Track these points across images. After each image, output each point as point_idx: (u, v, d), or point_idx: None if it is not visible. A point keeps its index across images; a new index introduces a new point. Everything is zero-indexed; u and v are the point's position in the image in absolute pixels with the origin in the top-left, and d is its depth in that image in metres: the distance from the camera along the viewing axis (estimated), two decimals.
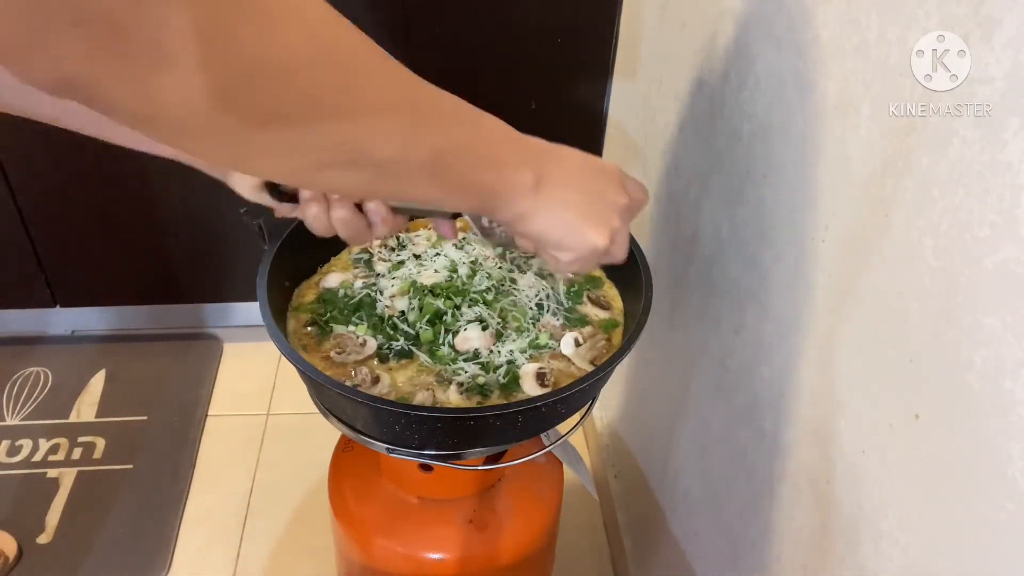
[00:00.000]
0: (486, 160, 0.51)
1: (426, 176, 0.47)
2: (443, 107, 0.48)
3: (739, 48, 0.79)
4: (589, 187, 0.57)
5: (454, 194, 0.51)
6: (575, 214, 0.56)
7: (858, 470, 0.61)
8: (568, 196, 0.55)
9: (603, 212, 0.57)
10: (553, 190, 0.54)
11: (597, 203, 0.57)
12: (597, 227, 0.57)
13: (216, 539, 1.33)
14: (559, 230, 0.56)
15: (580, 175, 0.56)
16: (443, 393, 0.71)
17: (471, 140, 0.49)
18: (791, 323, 0.71)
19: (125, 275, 1.54)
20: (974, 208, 0.46)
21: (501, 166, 0.51)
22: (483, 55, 1.28)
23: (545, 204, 0.54)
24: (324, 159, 0.42)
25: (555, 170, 0.55)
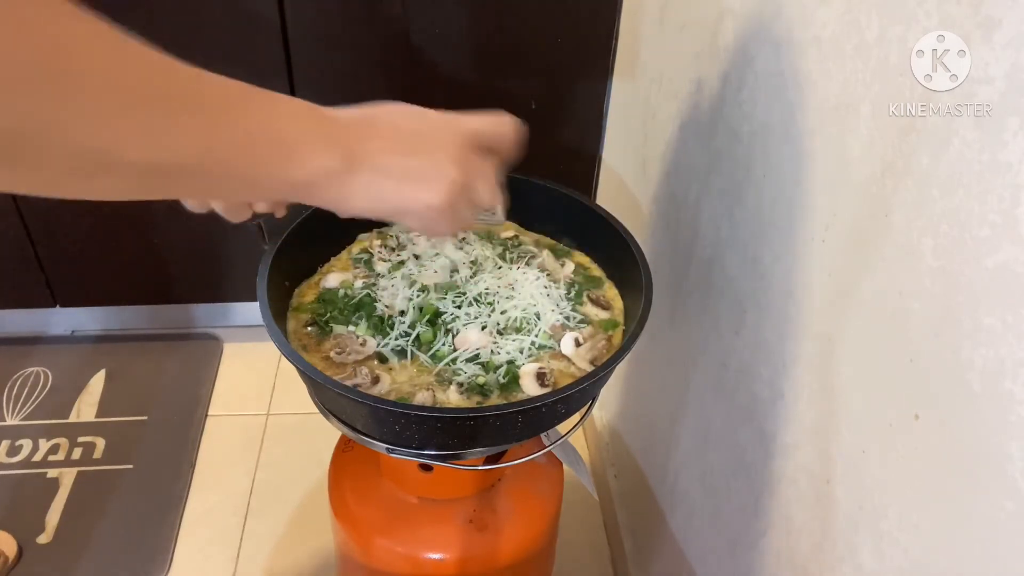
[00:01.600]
0: (276, 153, 0.47)
1: (203, 176, 0.44)
2: (209, 99, 0.43)
3: (739, 48, 0.79)
4: (411, 147, 0.53)
5: (250, 192, 0.49)
6: (394, 182, 0.52)
7: (858, 470, 0.61)
8: (385, 164, 0.52)
9: (432, 168, 0.54)
10: (366, 165, 0.51)
11: (422, 161, 0.53)
12: (428, 186, 0.53)
13: (216, 539, 1.33)
14: (385, 202, 0.53)
15: (395, 139, 0.53)
16: (443, 393, 0.71)
17: (252, 133, 0.45)
18: (791, 323, 0.71)
19: (125, 275, 1.54)
20: (974, 208, 0.46)
21: (298, 156, 0.48)
22: (483, 55, 1.28)
23: (361, 182, 0.51)
24: (69, 168, 0.38)
25: (366, 144, 0.51)
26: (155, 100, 0.40)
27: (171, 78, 0.41)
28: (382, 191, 0.52)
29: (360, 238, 0.89)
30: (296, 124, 0.48)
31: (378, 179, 0.52)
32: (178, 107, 0.41)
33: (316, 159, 0.48)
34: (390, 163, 0.52)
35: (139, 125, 0.39)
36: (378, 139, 0.52)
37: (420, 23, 1.23)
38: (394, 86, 1.30)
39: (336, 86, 1.31)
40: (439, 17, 1.23)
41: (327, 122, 0.50)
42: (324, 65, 1.29)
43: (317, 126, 0.49)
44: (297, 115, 0.49)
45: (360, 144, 0.51)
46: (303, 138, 0.48)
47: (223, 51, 1.24)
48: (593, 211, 0.86)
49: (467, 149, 0.56)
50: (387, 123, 0.54)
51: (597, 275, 0.87)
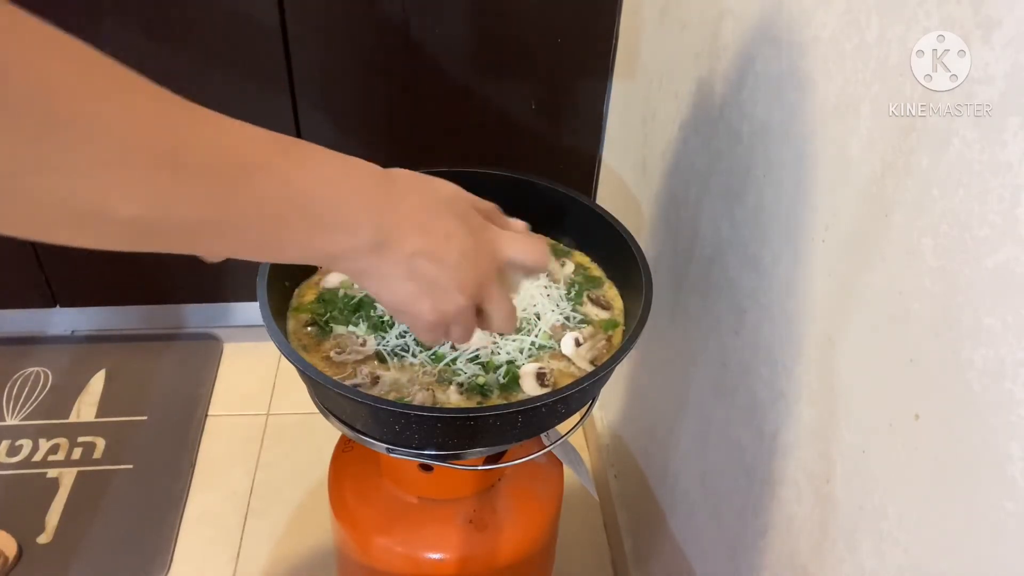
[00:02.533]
0: (302, 223, 0.41)
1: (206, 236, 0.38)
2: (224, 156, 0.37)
3: (739, 48, 0.79)
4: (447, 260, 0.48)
5: (265, 256, 0.43)
6: (411, 284, 0.47)
7: (858, 470, 0.61)
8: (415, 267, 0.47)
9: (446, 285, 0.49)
10: (400, 258, 0.46)
11: (448, 277, 0.48)
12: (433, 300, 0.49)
13: (216, 539, 1.33)
14: (394, 300, 0.49)
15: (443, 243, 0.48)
16: (443, 393, 0.71)
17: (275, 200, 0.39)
18: (791, 323, 0.71)
19: (125, 275, 1.54)
20: (974, 208, 0.46)
21: (326, 227, 0.42)
22: (483, 55, 1.28)
23: (387, 269, 0.46)
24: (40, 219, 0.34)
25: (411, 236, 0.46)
26: (152, 155, 0.34)
27: (176, 129, 0.36)
28: (397, 289, 0.48)
29: None
30: (339, 194, 0.43)
31: (400, 275, 0.47)
32: (182, 163, 0.36)
33: (351, 235, 0.43)
34: (420, 267, 0.47)
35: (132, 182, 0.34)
36: (426, 236, 0.47)
37: (420, 23, 1.23)
38: (394, 87, 1.30)
39: (336, 87, 1.31)
40: (439, 17, 1.23)
41: (379, 191, 0.45)
42: (324, 66, 1.29)
43: (366, 199, 0.44)
44: (344, 183, 0.43)
45: (406, 231, 0.46)
46: (343, 210, 0.43)
47: (223, 53, 1.24)
48: (593, 211, 0.86)
49: (495, 275, 0.52)
50: (442, 220, 0.48)
51: (597, 275, 0.87)
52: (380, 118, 1.35)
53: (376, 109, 1.34)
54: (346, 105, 1.34)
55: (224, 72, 1.25)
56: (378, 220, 0.44)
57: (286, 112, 1.31)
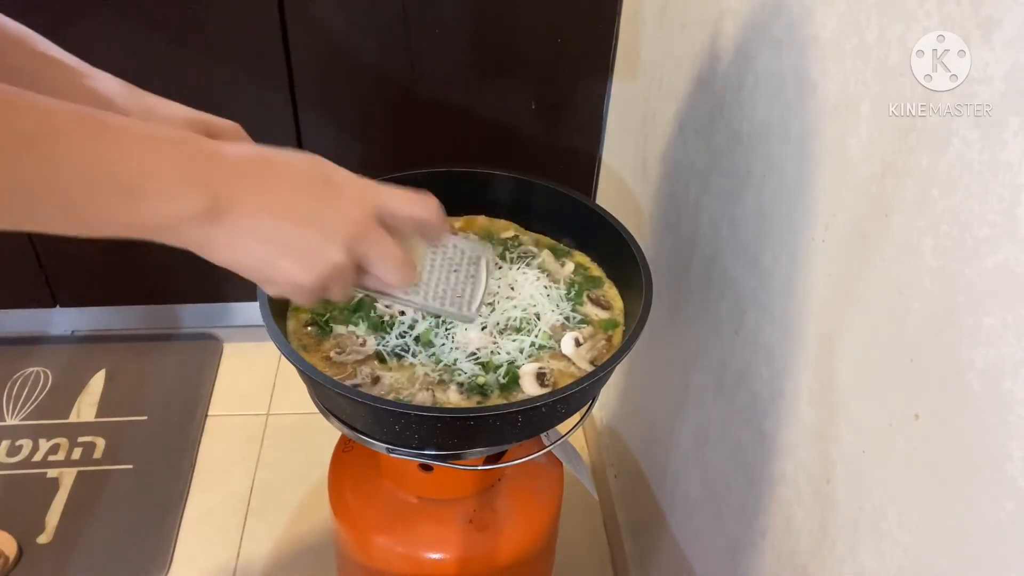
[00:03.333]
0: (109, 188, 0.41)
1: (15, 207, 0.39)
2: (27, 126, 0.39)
3: (739, 48, 0.79)
4: (300, 213, 0.47)
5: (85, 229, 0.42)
6: (270, 247, 0.46)
7: (858, 470, 0.61)
8: (262, 226, 0.46)
9: (314, 244, 0.47)
10: (241, 219, 0.45)
11: (307, 233, 0.47)
12: (301, 263, 0.47)
13: (216, 539, 1.33)
14: (252, 266, 0.47)
15: (290, 197, 0.47)
16: (443, 393, 0.71)
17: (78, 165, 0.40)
18: (791, 323, 0.71)
19: (125, 275, 1.54)
20: (974, 208, 0.46)
21: (144, 197, 0.42)
22: (483, 55, 1.28)
23: (229, 236, 0.45)
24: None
25: (249, 194, 0.45)
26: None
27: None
28: (248, 252, 0.46)
29: None
30: (153, 163, 0.42)
31: (247, 238, 0.46)
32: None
33: (170, 201, 0.43)
34: (268, 226, 0.46)
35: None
36: (265, 193, 0.46)
37: (420, 24, 1.23)
38: (394, 87, 1.30)
39: (336, 87, 1.31)
40: (439, 18, 1.23)
41: (205, 162, 0.44)
42: (324, 67, 1.29)
43: (187, 166, 0.44)
44: (161, 152, 0.43)
45: (239, 193, 0.45)
46: (156, 177, 0.42)
47: (224, 53, 1.24)
48: (593, 211, 0.86)
49: (369, 225, 0.50)
50: (284, 176, 0.48)
51: (597, 275, 0.87)
52: (380, 118, 1.35)
53: (376, 109, 1.34)
54: (346, 105, 1.34)
55: (224, 72, 1.25)
56: (202, 185, 0.44)
57: (286, 112, 1.31)
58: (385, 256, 0.51)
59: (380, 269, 0.52)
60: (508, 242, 0.89)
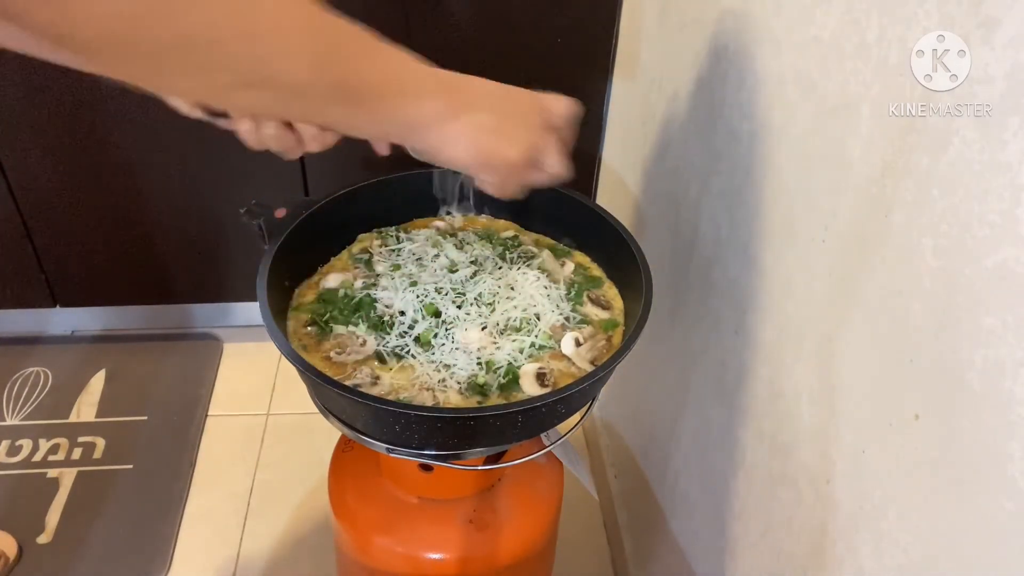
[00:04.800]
0: (392, 90, 0.54)
1: (332, 102, 0.52)
2: (347, 37, 0.52)
3: (739, 48, 0.79)
4: (499, 109, 0.61)
5: (365, 122, 0.56)
6: (487, 135, 0.60)
7: (858, 470, 0.61)
8: (479, 120, 0.59)
9: (516, 129, 0.61)
10: (463, 116, 0.58)
11: (509, 122, 0.61)
12: (511, 142, 0.61)
13: (216, 539, 1.33)
14: (473, 152, 0.60)
15: (490, 99, 0.61)
16: (443, 393, 0.71)
17: (376, 70, 0.53)
18: (791, 323, 0.71)
19: (125, 275, 1.54)
20: (974, 208, 0.46)
21: (408, 96, 0.55)
22: (483, 55, 1.28)
23: (456, 130, 0.58)
24: (231, 80, 0.46)
25: (464, 98, 0.59)
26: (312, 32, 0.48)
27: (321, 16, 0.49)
28: (476, 139, 0.59)
29: (360, 238, 0.89)
30: (405, 69, 0.56)
31: (473, 129, 0.59)
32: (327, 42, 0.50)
33: (422, 103, 0.56)
34: (485, 118, 0.59)
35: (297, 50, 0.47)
36: (476, 95, 0.60)
37: (420, 24, 1.23)
38: None
39: None
40: (439, 18, 1.23)
41: (432, 73, 0.58)
42: None
43: (424, 75, 0.57)
44: (404, 62, 0.56)
45: (457, 98, 0.59)
46: (413, 81, 0.56)
47: None
48: (593, 211, 0.86)
49: (545, 121, 0.63)
50: (480, 85, 0.62)
51: (597, 275, 0.87)
52: None
53: None
54: None
55: None
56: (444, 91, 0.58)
57: None
58: (558, 149, 0.64)
59: (553, 156, 0.64)
60: (508, 242, 0.89)
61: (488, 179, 0.63)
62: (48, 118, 1.29)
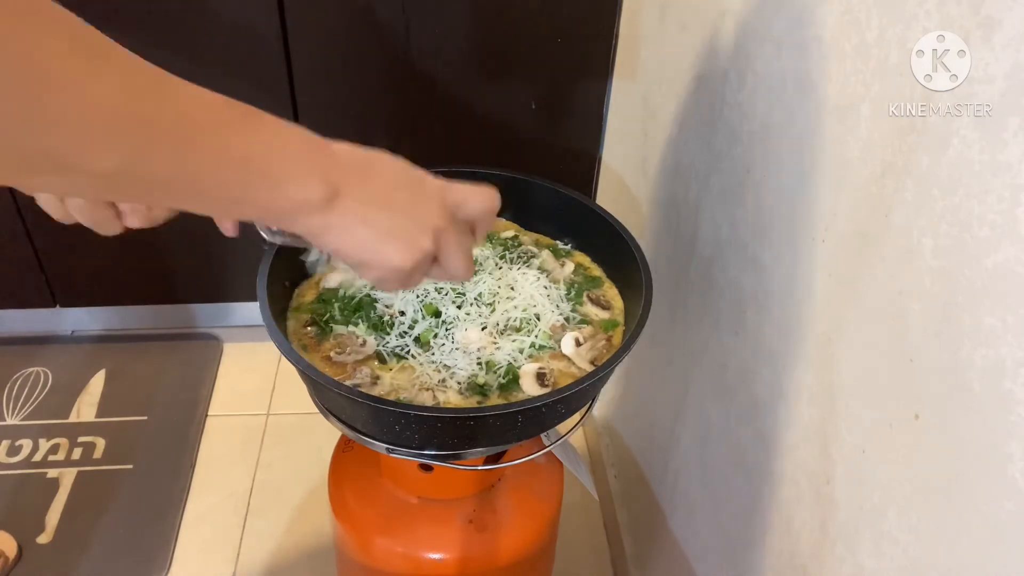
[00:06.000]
0: (260, 180, 0.46)
1: (171, 190, 0.44)
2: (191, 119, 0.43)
3: (739, 48, 0.79)
4: (397, 205, 0.53)
5: (216, 209, 0.48)
6: (374, 233, 0.52)
7: (858, 470, 0.61)
8: (368, 214, 0.51)
9: (410, 232, 0.53)
10: (351, 206, 0.50)
11: (404, 222, 0.53)
12: (399, 248, 0.53)
13: (216, 539, 1.33)
14: (357, 249, 0.52)
15: (387, 191, 0.53)
16: (443, 393, 0.71)
17: (235, 158, 0.45)
18: (791, 323, 0.71)
19: (125, 275, 1.54)
20: (974, 208, 0.46)
21: (283, 185, 0.47)
22: (483, 55, 1.28)
23: (341, 222, 0.51)
24: (23, 167, 0.38)
25: (356, 185, 0.51)
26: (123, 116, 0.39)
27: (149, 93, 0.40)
28: (356, 238, 0.52)
29: None
30: (286, 153, 0.48)
31: (355, 225, 0.51)
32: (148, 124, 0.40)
33: (298, 188, 0.48)
34: (372, 213, 0.52)
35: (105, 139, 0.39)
36: (369, 185, 0.52)
37: (420, 24, 1.23)
38: (395, 87, 1.30)
39: (336, 88, 1.31)
40: (439, 18, 1.23)
41: (321, 154, 0.50)
42: (324, 67, 1.29)
43: (309, 157, 0.49)
44: (290, 143, 0.48)
45: (349, 185, 0.50)
46: (291, 168, 0.48)
47: (224, 54, 1.24)
48: (593, 211, 0.86)
49: (448, 220, 0.55)
50: (383, 171, 0.53)
51: (597, 275, 0.87)
52: (380, 119, 1.35)
53: (376, 110, 1.34)
54: (346, 107, 1.34)
55: (225, 73, 1.25)
56: (323, 174, 0.49)
57: (286, 114, 1.31)
58: (459, 251, 0.56)
59: (453, 260, 0.56)
60: (508, 242, 0.89)
61: (364, 274, 0.55)
62: None
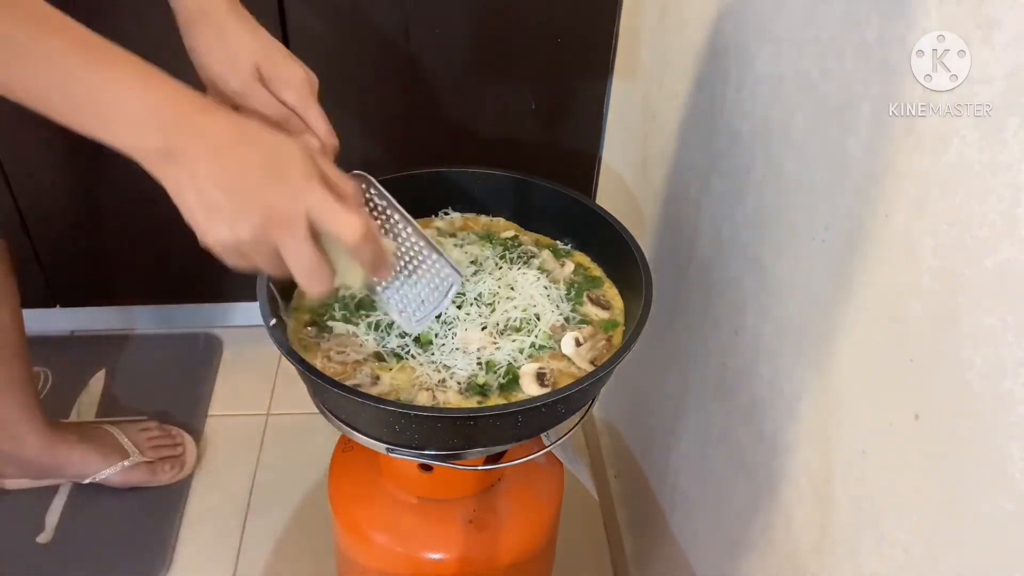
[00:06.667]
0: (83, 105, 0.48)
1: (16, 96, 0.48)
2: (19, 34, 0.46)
3: (739, 48, 0.79)
4: (236, 184, 0.50)
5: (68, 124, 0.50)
6: (199, 202, 0.51)
7: (858, 470, 0.61)
8: (201, 183, 0.50)
9: (234, 214, 0.50)
10: (187, 169, 0.50)
11: (233, 203, 0.50)
12: (217, 224, 0.51)
13: (216, 539, 1.32)
14: (184, 210, 0.52)
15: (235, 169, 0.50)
16: (443, 393, 0.71)
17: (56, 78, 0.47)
18: (791, 323, 0.71)
19: (125, 275, 1.53)
20: (974, 208, 0.46)
21: (107, 119, 0.49)
22: (483, 55, 1.28)
23: (174, 180, 0.50)
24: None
25: (201, 154, 0.50)
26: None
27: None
28: (185, 200, 0.51)
29: None
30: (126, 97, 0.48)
31: (187, 189, 0.51)
32: None
33: (132, 133, 0.49)
34: (201, 182, 0.50)
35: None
36: (216, 157, 0.50)
37: (420, 24, 1.23)
38: (395, 87, 1.30)
39: (336, 88, 1.31)
40: (439, 18, 1.23)
41: (176, 112, 0.50)
42: (324, 67, 1.29)
43: (156, 109, 0.49)
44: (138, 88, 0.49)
45: (193, 150, 0.50)
46: (125, 111, 0.48)
47: None
48: (593, 211, 0.86)
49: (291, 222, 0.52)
50: (238, 149, 0.51)
51: (597, 275, 0.87)
52: (380, 119, 1.35)
53: (376, 110, 1.34)
54: (346, 106, 1.34)
55: None
56: (167, 130, 0.49)
57: None
58: (293, 258, 0.53)
59: (289, 267, 0.54)
60: (508, 242, 0.89)
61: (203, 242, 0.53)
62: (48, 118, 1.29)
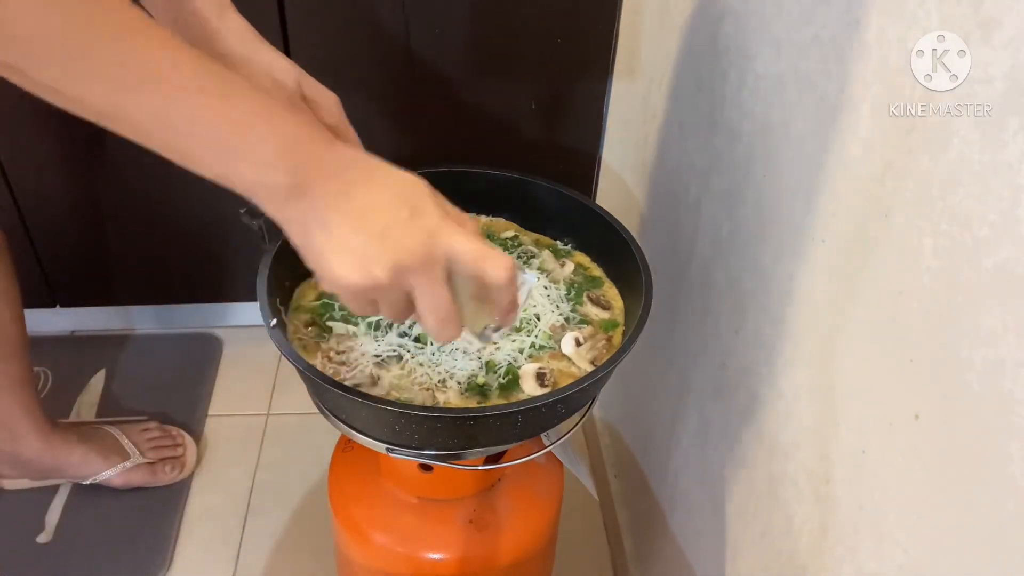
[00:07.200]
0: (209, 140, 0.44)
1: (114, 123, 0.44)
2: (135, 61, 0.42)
3: (739, 48, 0.79)
4: (368, 224, 0.47)
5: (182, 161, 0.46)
6: (328, 242, 0.47)
7: (858, 470, 0.61)
8: (331, 221, 0.47)
9: (367, 256, 0.47)
10: (316, 207, 0.47)
11: (365, 244, 0.47)
12: (347, 266, 0.48)
13: (216, 539, 1.33)
14: (308, 251, 0.49)
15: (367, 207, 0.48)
16: (443, 393, 0.71)
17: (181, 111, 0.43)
18: (791, 323, 0.71)
19: (125, 275, 1.53)
20: (974, 208, 0.46)
21: (235, 155, 0.45)
22: (483, 55, 1.28)
23: (301, 218, 0.47)
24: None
25: (332, 190, 0.47)
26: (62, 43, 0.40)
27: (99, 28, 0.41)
28: (310, 240, 0.48)
29: None
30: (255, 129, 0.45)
31: (314, 227, 0.47)
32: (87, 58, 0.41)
33: (259, 171, 0.45)
34: (336, 222, 0.47)
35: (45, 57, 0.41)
36: (345, 195, 0.47)
37: (420, 24, 1.23)
38: (395, 86, 1.30)
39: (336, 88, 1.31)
40: (439, 18, 1.23)
41: (304, 147, 0.47)
42: (324, 67, 1.29)
43: (283, 143, 0.46)
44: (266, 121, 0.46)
45: (322, 187, 0.47)
46: (254, 146, 0.45)
47: None
48: (593, 211, 0.86)
49: (427, 265, 0.49)
50: (371, 186, 0.48)
51: (597, 275, 0.87)
52: (379, 119, 1.35)
53: (375, 110, 1.34)
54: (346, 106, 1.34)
55: None
56: (294, 165, 0.46)
57: None
58: (428, 304, 0.50)
59: (421, 310, 0.51)
60: (508, 242, 0.89)
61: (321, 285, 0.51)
62: (48, 117, 1.29)
